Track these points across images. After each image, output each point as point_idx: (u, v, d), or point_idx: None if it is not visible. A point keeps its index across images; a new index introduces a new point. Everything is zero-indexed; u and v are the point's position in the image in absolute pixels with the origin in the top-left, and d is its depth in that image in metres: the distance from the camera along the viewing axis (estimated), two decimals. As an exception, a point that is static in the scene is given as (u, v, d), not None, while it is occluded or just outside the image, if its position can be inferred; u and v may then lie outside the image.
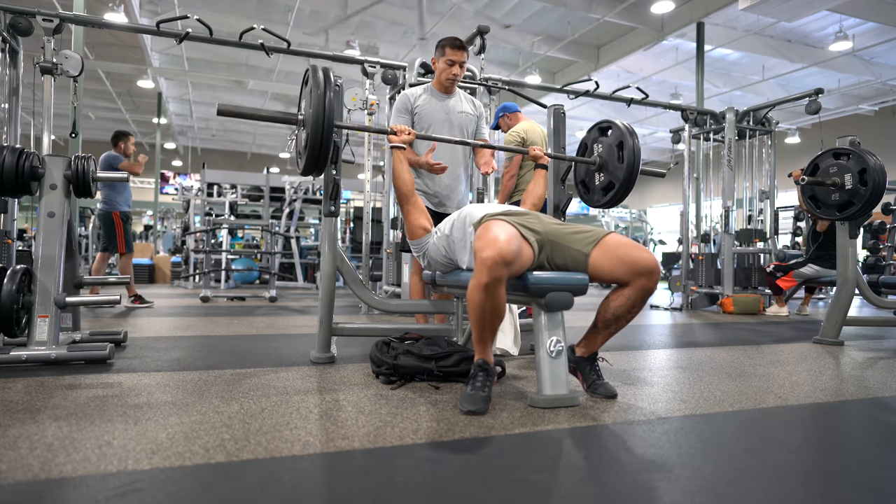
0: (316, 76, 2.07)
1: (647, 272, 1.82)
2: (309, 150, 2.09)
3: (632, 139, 2.32)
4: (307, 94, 2.14)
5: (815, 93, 5.60)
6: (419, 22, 7.26)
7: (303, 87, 2.23)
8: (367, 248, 5.70)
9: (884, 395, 2.07)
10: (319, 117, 2.04)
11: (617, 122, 2.41)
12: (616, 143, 2.37)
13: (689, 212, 6.45)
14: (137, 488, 1.11)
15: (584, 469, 1.30)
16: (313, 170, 2.17)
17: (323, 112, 2.04)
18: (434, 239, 2.25)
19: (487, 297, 1.69)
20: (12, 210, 3.32)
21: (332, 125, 2.07)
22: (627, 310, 1.87)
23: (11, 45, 3.63)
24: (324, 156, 2.12)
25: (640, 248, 1.88)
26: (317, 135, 2.05)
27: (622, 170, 2.34)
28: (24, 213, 7.29)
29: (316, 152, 2.09)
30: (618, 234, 1.94)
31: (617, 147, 2.37)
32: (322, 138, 2.06)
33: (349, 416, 1.65)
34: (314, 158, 2.11)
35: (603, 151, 2.43)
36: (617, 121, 2.42)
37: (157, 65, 11.63)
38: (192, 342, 3.09)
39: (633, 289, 1.85)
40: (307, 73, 2.14)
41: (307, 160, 2.12)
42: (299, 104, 2.30)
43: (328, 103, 2.05)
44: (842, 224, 3.39)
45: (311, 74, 2.09)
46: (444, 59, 2.76)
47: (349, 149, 2.59)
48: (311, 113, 2.04)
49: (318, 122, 2.04)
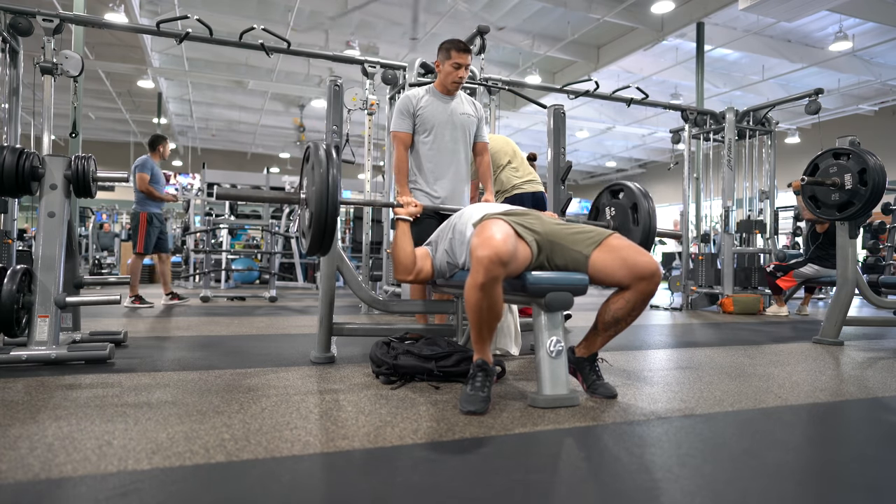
0: (318, 154, 1.98)
1: (647, 276, 1.82)
2: (314, 230, 1.99)
3: (646, 201, 2.28)
4: (308, 171, 2.05)
5: (815, 93, 5.61)
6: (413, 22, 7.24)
7: (304, 164, 2.14)
8: (367, 248, 5.69)
9: (884, 395, 2.07)
10: (323, 197, 1.94)
11: (629, 185, 2.37)
12: (629, 205, 2.33)
13: (689, 212, 6.46)
14: (137, 488, 1.11)
15: (584, 469, 1.30)
16: (318, 250, 2.06)
17: (326, 192, 1.94)
18: (437, 254, 2.22)
19: (484, 296, 1.69)
20: (12, 210, 3.32)
21: (336, 205, 1.97)
22: (627, 313, 1.87)
23: (11, 45, 3.62)
24: (329, 235, 2.01)
25: (642, 251, 1.87)
26: (321, 215, 1.96)
27: (638, 233, 2.30)
28: (24, 213, 7.28)
29: (321, 232, 1.99)
30: (619, 236, 1.94)
31: (631, 210, 2.32)
32: (326, 219, 1.96)
33: (349, 416, 1.65)
34: (319, 238, 2.01)
35: (616, 215, 2.38)
36: (629, 183, 2.38)
37: (157, 65, 11.63)
38: (192, 342, 3.09)
39: (633, 292, 1.84)
40: (308, 151, 2.06)
41: (312, 240, 2.02)
42: (301, 181, 2.20)
43: (332, 181, 1.95)
44: (842, 224, 3.39)
45: (313, 152, 2.01)
46: (449, 62, 2.75)
47: (349, 149, 2.58)
48: (315, 192, 1.95)
49: (322, 202, 1.94)
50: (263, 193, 2.10)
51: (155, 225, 5.19)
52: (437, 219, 2.63)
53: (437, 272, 2.24)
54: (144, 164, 5.13)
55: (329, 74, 10.14)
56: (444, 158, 2.81)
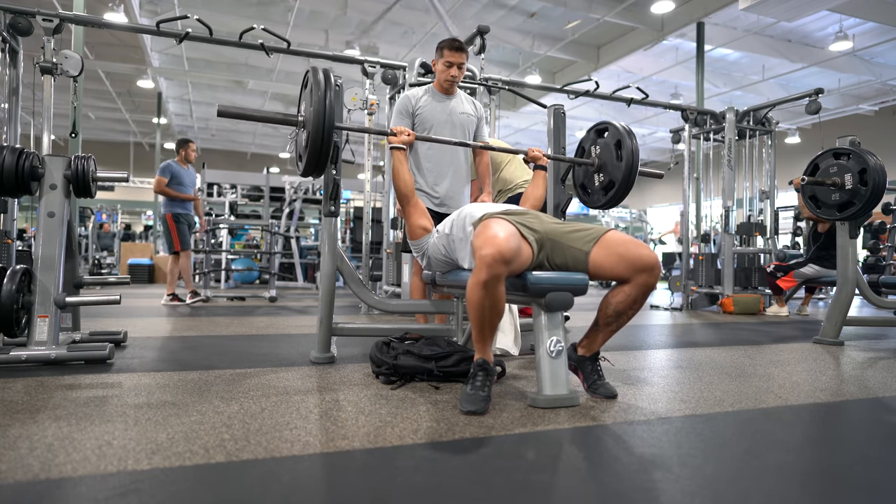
0: (316, 77, 2.08)
1: (647, 268, 1.82)
2: (309, 150, 2.10)
3: (629, 139, 2.33)
4: (307, 95, 2.14)
5: (815, 93, 5.60)
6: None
7: (303, 89, 2.24)
8: (367, 248, 5.70)
9: (884, 395, 2.07)
10: (320, 118, 2.04)
11: (614, 123, 2.42)
12: (614, 142, 2.38)
13: (689, 212, 6.45)
14: (137, 488, 1.11)
15: (585, 469, 1.30)
16: (313, 171, 2.18)
17: (323, 112, 2.04)
18: (434, 239, 2.25)
19: (486, 295, 1.69)
20: (12, 210, 3.32)
21: (332, 125, 2.08)
22: (628, 306, 1.87)
23: (11, 44, 3.62)
24: (324, 156, 2.13)
25: (640, 244, 1.89)
26: (317, 135, 2.06)
27: (621, 168, 2.35)
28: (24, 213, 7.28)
29: (316, 153, 2.10)
30: (617, 231, 1.95)
31: (615, 146, 2.38)
32: (322, 139, 2.07)
33: (349, 416, 1.65)
34: (315, 159, 2.12)
35: (601, 152, 2.44)
36: (614, 121, 2.43)
37: (157, 65, 11.63)
38: (192, 342, 3.09)
39: (633, 285, 1.85)
40: (307, 75, 2.15)
41: (307, 161, 2.13)
42: (299, 106, 2.31)
43: (328, 104, 2.05)
44: (842, 224, 3.39)
45: (312, 75, 2.10)
46: (442, 60, 2.77)
47: (349, 149, 2.58)
48: (312, 113, 2.05)
49: (319, 122, 2.05)
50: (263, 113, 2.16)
51: (183, 223, 5.32)
52: (437, 218, 2.63)
53: (429, 260, 2.29)
54: (163, 167, 5.35)
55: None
56: (444, 158, 2.81)
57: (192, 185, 5.47)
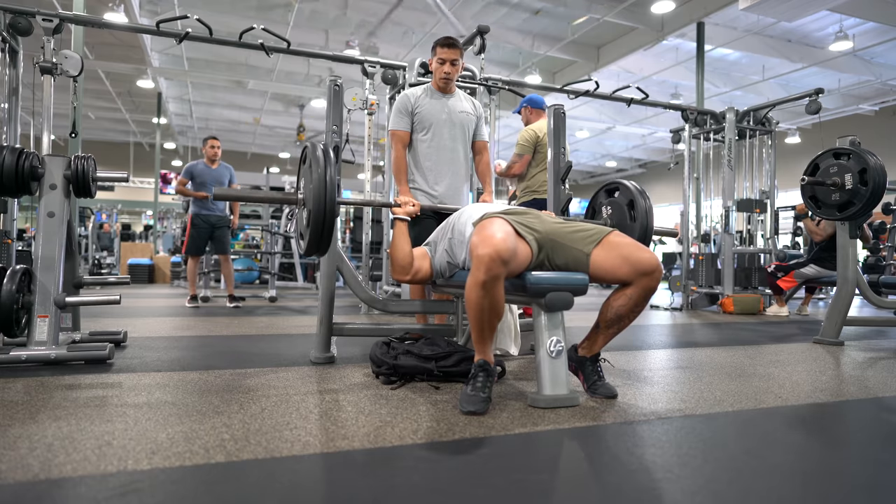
0: (315, 153, 1.96)
1: (649, 271, 1.82)
2: (311, 230, 1.96)
3: (643, 199, 2.28)
4: (306, 171, 2.02)
5: (815, 93, 5.60)
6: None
7: (301, 165, 2.13)
8: (367, 248, 5.69)
9: (884, 395, 2.07)
10: (321, 197, 1.91)
11: (625, 183, 2.37)
12: (626, 202, 2.33)
13: (689, 212, 6.45)
14: (137, 488, 1.11)
15: (584, 469, 1.30)
16: (316, 250, 2.04)
17: (325, 191, 1.91)
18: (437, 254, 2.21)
19: (485, 295, 1.69)
20: (12, 210, 3.32)
21: (335, 204, 1.95)
22: (630, 309, 1.87)
23: (11, 44, 3.62)
24: (327, 235, 1.98)
25: (642, 247, 1.88)
26: (319, 216, 1.93)
27: (635, 230, 2.30)
28: (24, 213, 7.28)
29: (318, 232, 1.96)
30: (619, 233, 1.94)
31: (627, 207, 2.33)
32: (325, 219, 1.94)
33: (349, 416, 1.65)
34: (317, 238, 1.98)
35: (613, 213, 2.38)
36: (626, 182, 2.38)
37: (157, 65, 11.63)
38: (192, 342, 3.09)
39: (635, 288, 1.85)
40: (305, 151, 2.04)
41: (310, 241, 1.99)
42: (298, 182, 2.18)
43: (329, 182, 1.93)
44: (842, 224, 3.39)
45: (311, 152, 1.99)
46: (435, 58, 2.77)
47: (349, 149, 2.58)
48: (313, 192, 1.93)
49: (320, 202, 1.91)
50: (262, 194, 2.07)
51: (199, 226, 5.25)
52: (436, 218, 2.63)
53: (437, 272, 2.22)
54: (185, 169, 5.36)
55: (329, 74, 10.13)
56: (443, 157, 2.81)
57: (214, 182, 5.32)
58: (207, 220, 5.26)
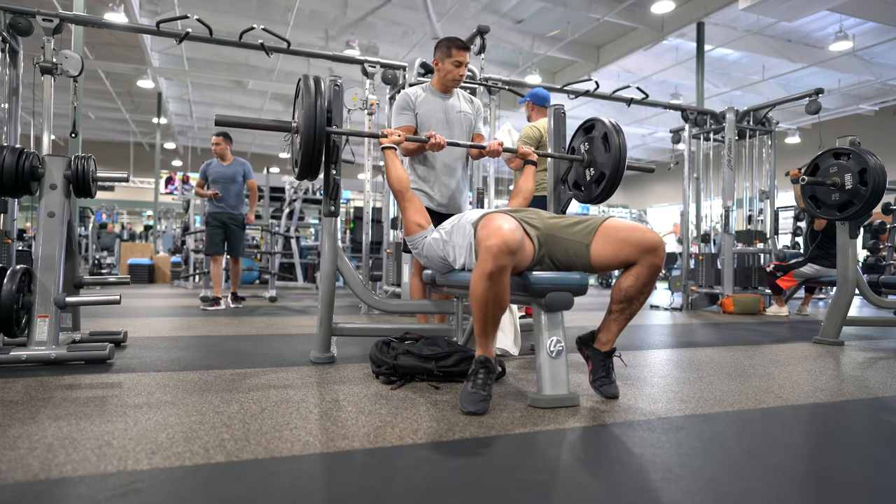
0: (307, 83, 2.20)
1: (653, 248, 1.83)
2: (302, 153, 2.20)
3: (615, 132, 2.38)
4: (299, 102, 2.25)
5: (815, 93, 5.60)
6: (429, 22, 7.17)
7: (296, 97, 2.33)
8: (367, 248, 5.70)
9: (884, 395, 2.07)
10: (311, 122, 2.16)
11: (601, 119, 2.47)
12: (601, 136, 2.43)
13: (689, 212, 6.45)
14: (137, 488, 1.11)
15: (584, 469, 1.30)
16: (308, 174, 2.27)
17: (314, 118, 2.16)
18: (430, 238, 2.26)
19: (491, 287, 1.69)
20: (12, 210, 3.32)
21: (323, 128, 2.19)
22: (638, 290, 1.87)
23: (11, 44, 3.62)
24: (317, 158, 2.23)
25: (642, 227, 1.90)
26: (309, 139, 2.16)
27: (609, 159, 2.39)
28: (24, 213, 7.28)
29: (309, 155, 2.20)
30: (615, 218, 1.95)
31: (602, 140, 2.42)
32: (314, 142, 2.17)
33: (349, 416, 1.65)
34: (308, 162, 2.22)
35: (590, 148, 2.50)
36: (601, 118, 2.48)
37: (157, 65, 11.63)
38: (192, 342, 3.09)
39: (641, 266, 1.85)
40: (299, 83, 2.26)
41: (301, 164, 2.23)
42: (294, 112, 2.39)
43: (319, 109, 2.17)
44: (842, 224, 3.39)
45: (303, 82, 2.22)
46: (450, 60, 2.74)
47: (349, 149, 2.58)
48: (303, 118, 2.16)
49: (310, 126, 2.16)
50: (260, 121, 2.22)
51: (211, 224, 5.22)
52: (437, 219, 2.63)
53: (426, 258, 2.31)
54: (202, 167, 5.36)
55: (329, 74, 10.15)
56: (442, 157, 2.81)
57: (226, 180, 5.27)
58: (218, 217, 5.23)
